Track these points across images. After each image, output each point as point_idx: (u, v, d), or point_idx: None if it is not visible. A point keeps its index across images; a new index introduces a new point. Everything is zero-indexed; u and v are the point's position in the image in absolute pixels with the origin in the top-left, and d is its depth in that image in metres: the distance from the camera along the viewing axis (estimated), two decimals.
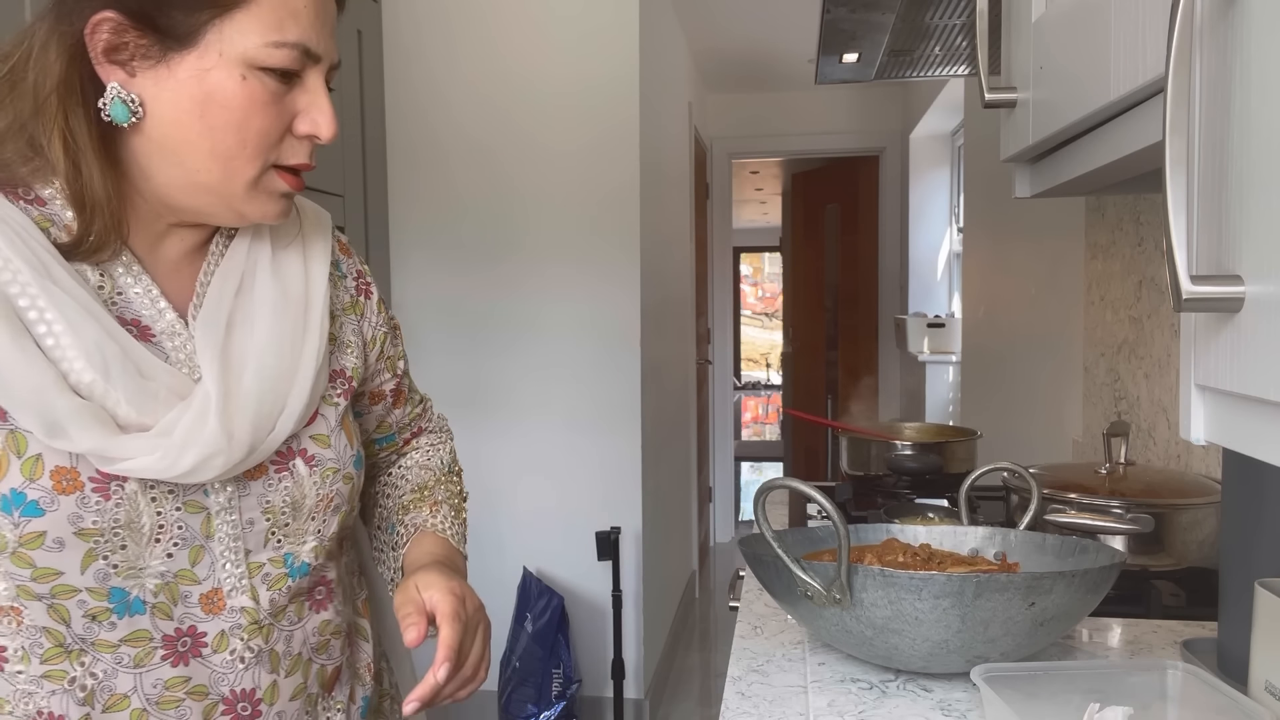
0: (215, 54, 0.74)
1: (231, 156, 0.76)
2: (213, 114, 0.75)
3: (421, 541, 0.97)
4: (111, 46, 0.74)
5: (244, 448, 0.79)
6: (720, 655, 4.13)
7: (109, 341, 0.74)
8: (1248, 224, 0.57)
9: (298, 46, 0.77)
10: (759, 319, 13.44)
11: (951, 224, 5.21)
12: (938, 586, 0.89)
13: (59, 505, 0.73)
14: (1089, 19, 0.90)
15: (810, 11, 2.23)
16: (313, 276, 0.88)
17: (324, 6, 0.79)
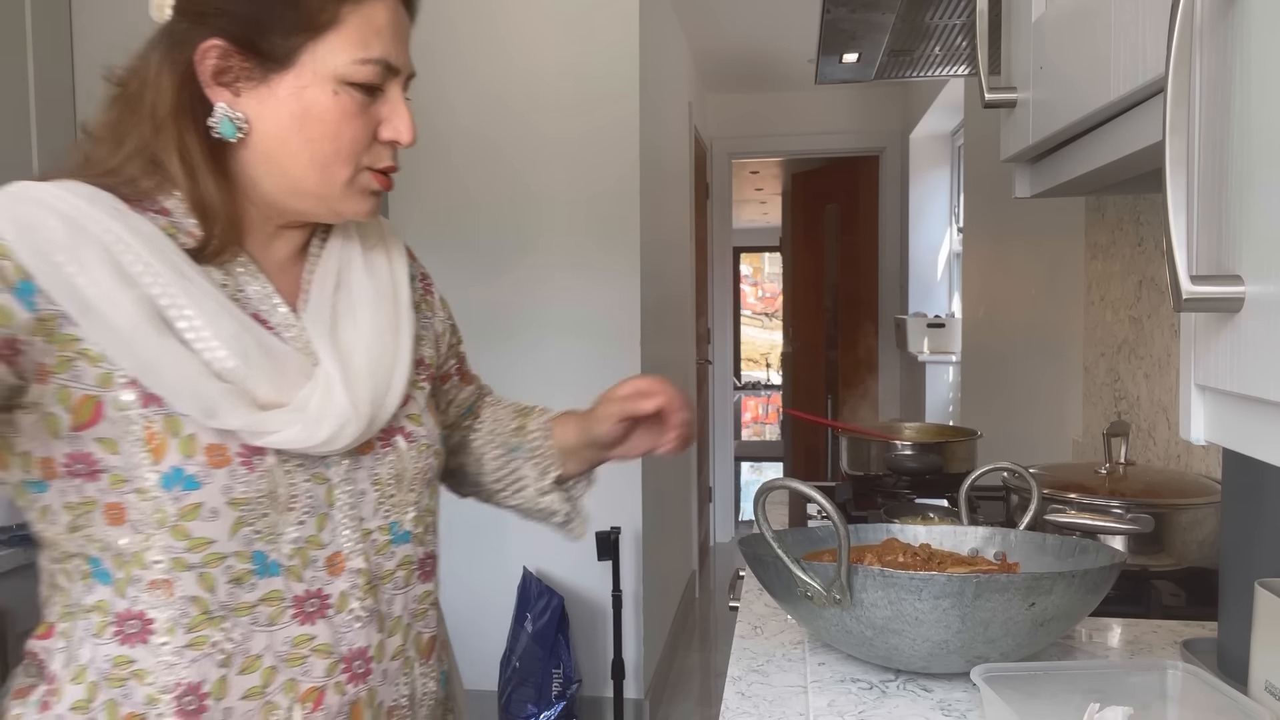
0: (310, 73, 0.84)
1: (328, 163, 0.86)
2: (310, 126, 0.85)
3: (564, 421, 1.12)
4: (218, 70, 0.84)
5: (365, 419, 0.89)
6: (720, 655, 4.13)
7: (244, 332, 0.84)
8: (1248, 224, 0.57)
9: (380, 62, 0.85)
10: (759, 319, 13.44)
11: (951, 224, 5.21)
12: (938, 587, 0.89)
13: (213, 478, 0.81)
14: (1089, 19, 0.90)
15: (810, 11, 2.23)
16: (397, 274, 1.00)
17: (400, 23, 0.88)
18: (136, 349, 0.79)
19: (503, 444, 1.14)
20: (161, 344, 0.80)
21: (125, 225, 0.81)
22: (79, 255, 0.79)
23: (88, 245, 0.79)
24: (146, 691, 0.82)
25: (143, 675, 0.82)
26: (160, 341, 0.80)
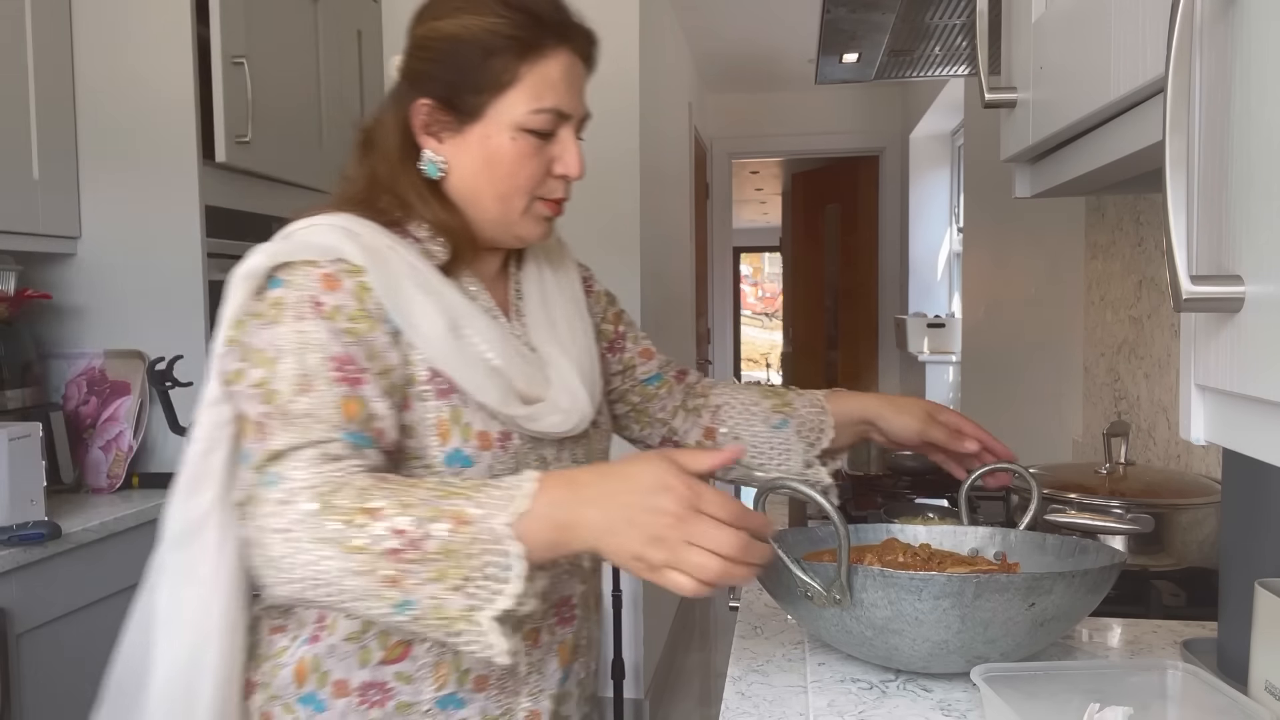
0: (494, 123, 1.00)
1: (508, 196, 1.02)
2: (494, 167, 1.01)
3: (839, 396, 1.25)
4: (426, 123, 1.01)
5: (593, 408, 1.08)
6: (720, 655, 4.13)
7: (505, 338, 1.02)
8: (1248, 224, 0.57)
9: (552, 111, 1.00)
10: (759, 319, 13.44)
11: (951, 224, 5.21)
12: (938, 587, 0.89)
13: (481, 458, 0.98)
14: (1089, 19, 0.90)
15: (810, 11, 2.23)
16: (576, 286, 1.18)
17: (574, 74, 1.02)
18: (446, 354, 0.96)
19: (764, 420, 1.25)
20: (461, 349, 0.97)
21: (408, 250, 0.99)
22: (400, 278, 0.96)
23: (398, 270, 0.97)
24: None
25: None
26: (460, 347, 0.97)
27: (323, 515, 0.82)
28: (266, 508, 0.85)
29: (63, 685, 1.70)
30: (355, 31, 2.84)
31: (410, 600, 0.81)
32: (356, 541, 0.80)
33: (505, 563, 0.79)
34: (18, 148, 1.92)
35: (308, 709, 0.98)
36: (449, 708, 0.98)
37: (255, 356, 0.92)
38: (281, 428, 0.88)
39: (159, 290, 2.07)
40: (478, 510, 0.81)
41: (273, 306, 0.94)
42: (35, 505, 1.69)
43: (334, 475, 0.85)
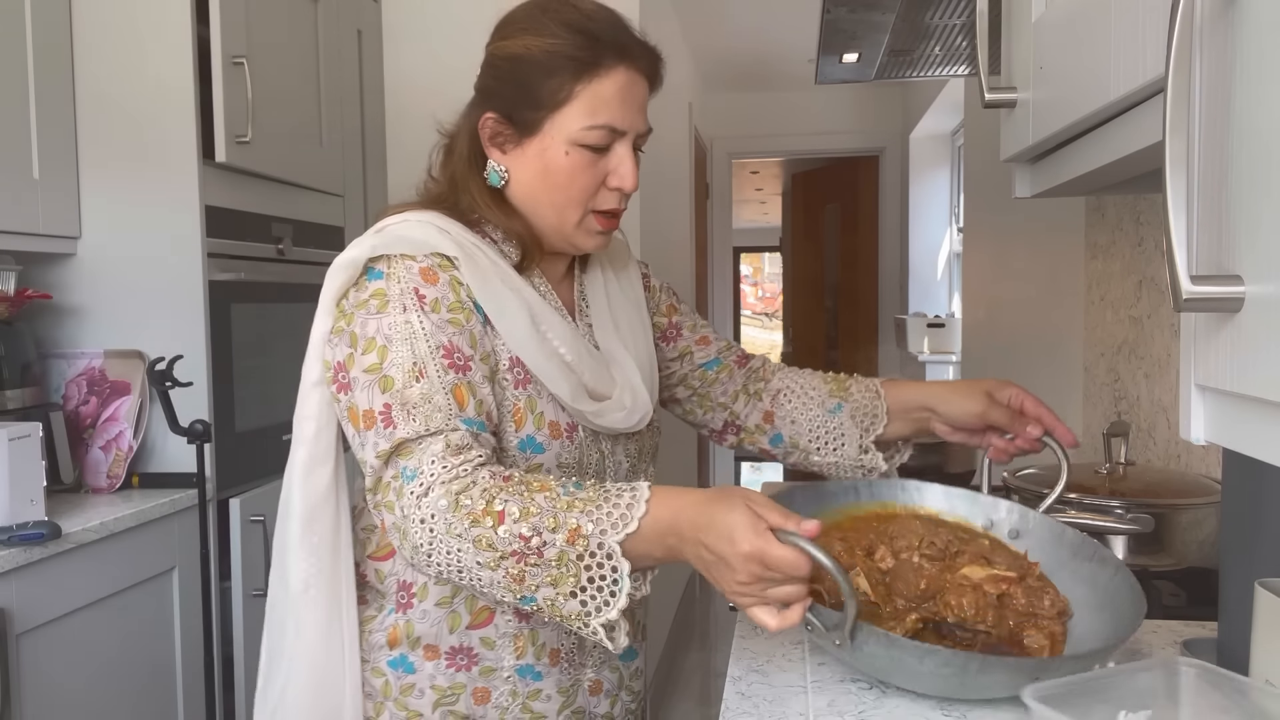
0: (550, 137, 1.05)
1: (562, 207, 1.07)
2: (549, 178, 1.06)
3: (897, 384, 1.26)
4: (492, 135, 1.08)
5: (651, 408, 1.15)
6: (720, 655, 4.13)
7: (576, 337, 1.09)
8: (1248, 224, 0.57)
9: (605, 127, 1.05)
10: (759, 319, 13.44)
11: (951, 224, 5.21)
12: (942, 659, 0.88)
13: (551, 446, 1.05)
14: (1089, 19, 0.90)
15: (810, 11, 2.22)
16: (638, 288, 1.24)
17: (631, 92, 1.07)
18: (529, 346, 1.03)
19: (820, 404, 1.27)
20: (541, 343, 1.04)
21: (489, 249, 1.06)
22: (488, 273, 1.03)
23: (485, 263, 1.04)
24: None
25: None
26: (540, 340, 1.04)
27: (453, 513, 0.90)
28: (406, 499, 0.93)
29: (63, 685, 1.70)
30: (355, 31, 2.83)
31: (532, 597, 0.90)
32: (486, 540, 0.89)
33: (614, 576, 0.88)
34: (18, 148, 1.92)
35: (396, 671, 1.07)
36: (527, 677, 1.08)
37: (366, 344, 0.99)
38: (404, 418, 0.95)
39: (159, 290, 2.07)
40: (592, 525, 0.88)
41: (375, 296, 1.00)
42: (35, 505, 1.69)
43: (462, 470, 0.93)
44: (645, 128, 1.09)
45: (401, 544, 0.94)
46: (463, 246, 1.04)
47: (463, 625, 1.06)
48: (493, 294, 1.03)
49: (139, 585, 1.89)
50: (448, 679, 1.06)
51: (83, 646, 1.75)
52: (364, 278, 1.02)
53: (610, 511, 0.88)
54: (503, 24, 1.10)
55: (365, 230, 1.09)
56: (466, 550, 0.90)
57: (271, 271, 2.31)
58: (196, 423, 1.98)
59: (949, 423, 1.21)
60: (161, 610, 1.96)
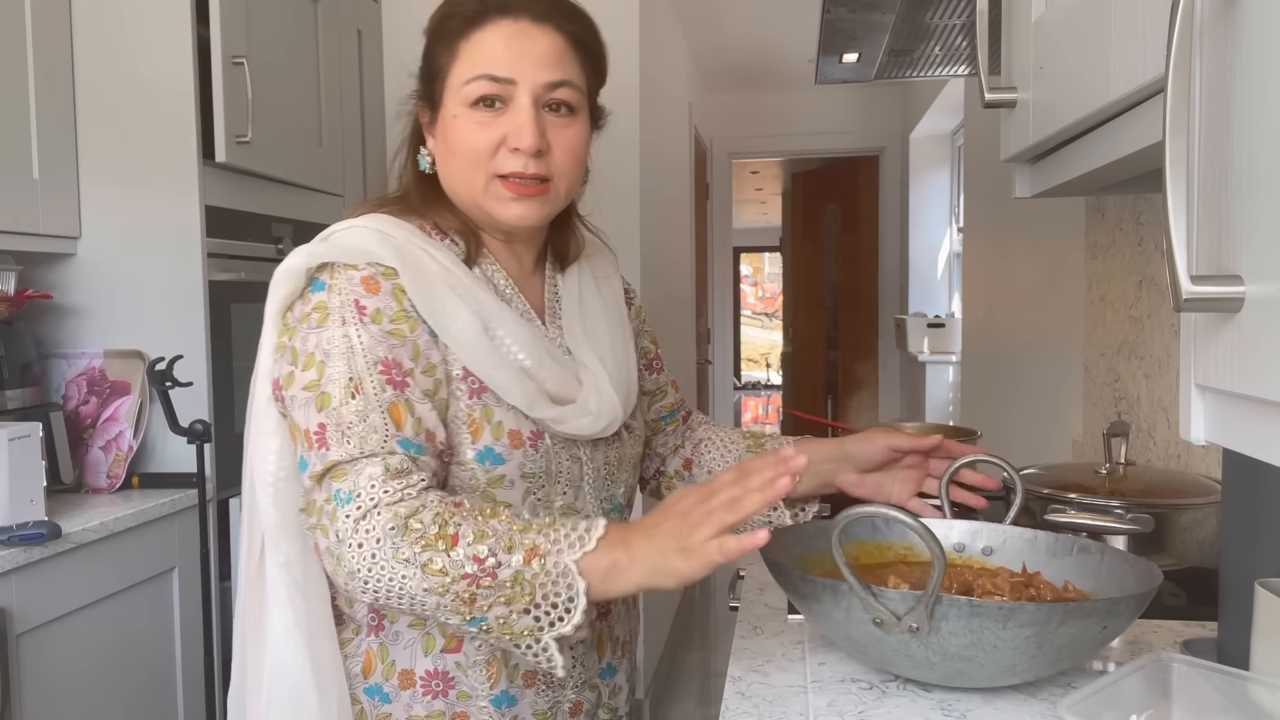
0: (448, 105, 1.02)
1: (466, 176, 1.03)
2: (449, 146, 1.03)
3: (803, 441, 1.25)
4: (426, 122, 1.07)
5: (623, 413, 1.10)
6: (720, 655, 4.13)
7: (537, 340, 1.04)
8: (1248, 224, 0.57)
9: (485, 76, 1.00)
10: (759, 319, 13.44)
11: (951, 224, 5.21)
12: (1026, 615, 0.87)
13: (512, 456, 1.01)
14: (1089, 19, 0.90)
15: (810, 11, 2.23)
16: (619, 296, 1.22)
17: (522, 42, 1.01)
18: (479, 356, 0.99)
19: (736, 457, 1.26)
20: (491, 351, 0.99)
21: (438, 251, 1.02)
22: (431, 280, 0.99)
23: (430, 271, 0.99)
24: None
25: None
26: (491, 348, 1.00)
27: (401, 537, 0.88)
28: (341, 522, 0.89)
29: (63, 685, 1.70)
30: (355, 31, 2.83)
31: (482, 617, 0.88)
32: (436, 565, 0.87)
33: (570, 594, 0.87)
34: (18, 148, 1.92)
35: (373, 700, 1.02)
36: (503, 705, 1.03)
37: (306, 360, 0.96)
38: (338, 438, 0.92)
39: (159, 290, 2.07)
40: (549, 545, 0.88)
41: (317, 309, 0.97)
42: (35, 505, 1.69)
43: (407, 493, 0.90)
44: (547, 78, 1.00)
45: (335, 569, 0.91)
46: (404, 253, 0.99)
47: (437, 648, 1.02)
48: (436, 304, 0.98)
49: (139, 585, 1.89)
50: (425, 707, 1.01)
51: (83, 646, 1.75)
52: (308, 289, 0.99)
53: (568, 534, 0.88)
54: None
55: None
56: (413, 575, 0.87)
57: (271, 271, 2.30)
58: (196, 423, 1.98)
59: (855, 462, 1.20)
60: (161, 610, 1.96)
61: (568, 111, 1.03)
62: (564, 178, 1.04)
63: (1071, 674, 1.00)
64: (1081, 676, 0.99)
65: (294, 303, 1.00)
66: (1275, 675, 0.82)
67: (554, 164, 1.02)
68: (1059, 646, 0.89)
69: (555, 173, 1.03)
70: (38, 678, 1.64)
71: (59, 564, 1.67)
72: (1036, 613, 0.87)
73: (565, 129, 1.03)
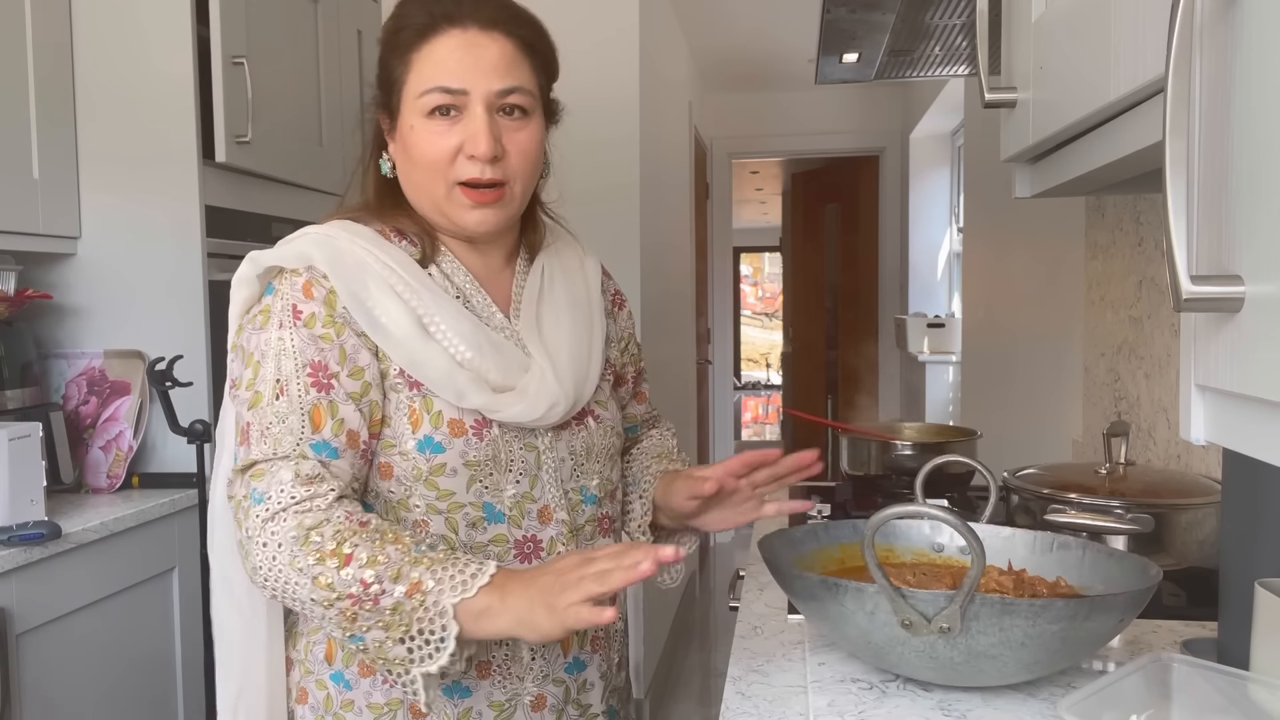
0: (405, 115, 1.06)
1: (426, 183, 1.07)
2: (409, 155, 1.07)
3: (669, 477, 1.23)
4: (386, 130, 1.10)
5: (570, 400, 1.10)
6: (720, 655, 4.13)
7: (477, 331, 1.06)
8: (1248, 224, 0.57)
9: (438, 89, 1.03)
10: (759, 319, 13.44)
11: (951, 224, 5.21)
12: (1055, 612, 0.87)
13: (453, 445, 1.04)
14: (1089, 19, 0.90)
15: (810, 11, 2.22)
16: (591, 288, 1.22)
17: (474, 52, 1.04)
18: (409, 351, 1.02)
19: (634, 477, 1.26)
20: (425, 345, 1.03)
21: (385, 253, 1.05)
22: (366, 282, 1.03)
23: (369, 274, 1.03)
24: None
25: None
26: (424, 344, 1.03)
27: (300, 546, 0.93)
28: (251, 520, 0.95)
29: (63, 685, 1.70)
30: (355, 31, 2.83)
31: (361, 637, 0.93)
32: (325, 580, 0.92)
33: (442, 635, 0.90)
34: (18, 148, 1.92)
35: (337, 686, 1.07)
36: (455, 696, 1.05)
37: (246, 358, 1.03)
38: (257, 438, 0.99)
39: (159, 290, 2.07)
40: (434, 583, 0.91)
41: (262, 312, 1.03)
42: (35, 505, 1.69)
43: (316, 504, 0.95)
44: (499, 85, 1.03)
45: (243, 561, 0.97)
46: (342, 258, 1.03)
47: None
48: (368, 306, 1.02)
49: (139, 585, 1.89)
50: (384, 695, 1.05)
51: (83, 646, 1.75)
52: (264, 292, 1.05)
53: (454, 575, 0.91)
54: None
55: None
56: (304, 585, 0.93)
57: None
58: (196, 423, 1.98)
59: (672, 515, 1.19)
60: (161, 610, 1.96)
61: (521, 114, 1.06)
62: (519, 179, 1.08)
63: (1071, 674, 1.00)
64: (1081, 676, 0.99)
65: (252, 305, 1.06)
66: (1275, 675, 0.82)
67: (509, 167, 1.06)
68: (1079, 641, 0.90)
69: (510, 175, 1.06)
70: (38, 678, 1.64)
71: (59, 564, 1.67)
72: (1065, 608, 0.87)
73: (519, 132, 1.06)
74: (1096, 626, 0.90)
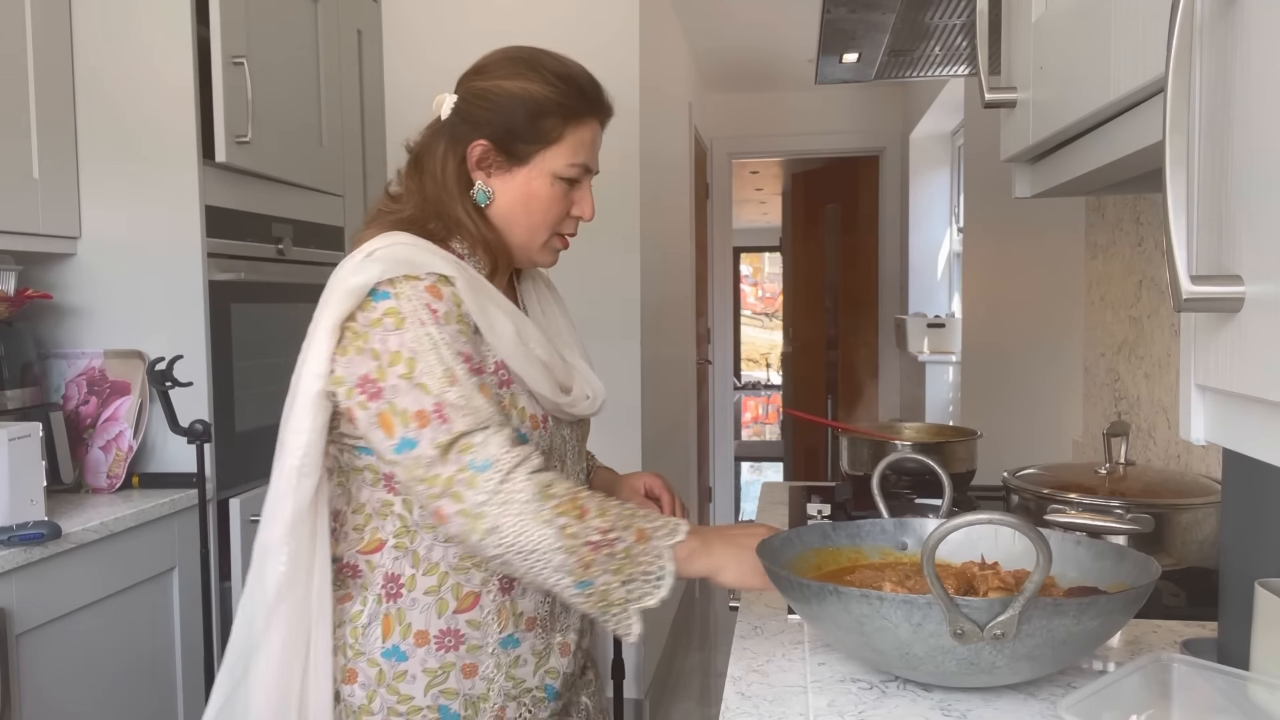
0: (537, 169, 1.21)
1: (536, 228, 1.23)
2: (531, 203, 1.22)
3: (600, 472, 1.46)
4: (479, 159, 1.21)
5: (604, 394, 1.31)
6: (720, 655, 4.13)
7: (545, 339, 1.23)
8: (1248, 224, 0.57)
9: (582, 165, 1.23)
10: (759, 319, 13.43)
11: (951, 224, 5.21)
12: (1099, 608, 0.87)
13: (532, 437, 1.18)
14: (1089, 19, 0.90)
15: (810, 11, 2.23)
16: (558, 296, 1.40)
17: (598, 139, 1.26)
18: (516, 353, 1.17)
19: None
20: (523, 349, 1.18)
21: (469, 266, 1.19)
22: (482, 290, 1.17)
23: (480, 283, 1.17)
24: (481, 576, 1.17)
25: (481, 564, 1.16)
26: (522, 348, 1.18)
27: (542, 501, 1.06)
28: (481, 486, 1.06)
29: (63, 685, 1.70)
30: (355, 31, 2.83)
31: (589, 582, 1.07)
32: (570, 530, 1.06)
33: (661, 574, 1.08)
34: (18, 148, 1.92)
35: (390, 660, 1.16)
36: (508, 646, 1.20)
37: (391, 357, 1.09)
38: (454, 416, 1.08)
39: (159, 290, 2.07)
40: (651, 529, 1.09)
41: (389, 315, 1.10)
42: (35, 505, 1.69)
43: (536, 464, 1.09)
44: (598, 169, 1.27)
45: (471, 527, 1.06)
46: (457, 266, 1.15)
47: (450, 610, 1.16)
48: (483, 308, 1.15)
49: (139, 585, 1.89)
50: (438, 660, 1.16)
51: (83, 646, 1.75)
52: (370, 299, 1.11)
53: (660, 525, 1.10)
54: (486, 66, 1.24)
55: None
56: (548, 535, 1.05)
57: (271, 271, 2.31)
58: (196, 423, 1.98)
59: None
60: (161, 610, 1.96)
61: None
62: None
63: (1071, 674, 1.00)
64: (1081, 676, 0.99)
65: (355, 313, 1.12)
66: (1275, 675, 0.82)
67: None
68: (1099, 635, 0.90)
69: None
70: (38, 678, 1.64)
71: (59, 564, 1.67)
72: (1108, 603, 0.88)
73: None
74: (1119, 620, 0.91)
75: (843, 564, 1.15)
